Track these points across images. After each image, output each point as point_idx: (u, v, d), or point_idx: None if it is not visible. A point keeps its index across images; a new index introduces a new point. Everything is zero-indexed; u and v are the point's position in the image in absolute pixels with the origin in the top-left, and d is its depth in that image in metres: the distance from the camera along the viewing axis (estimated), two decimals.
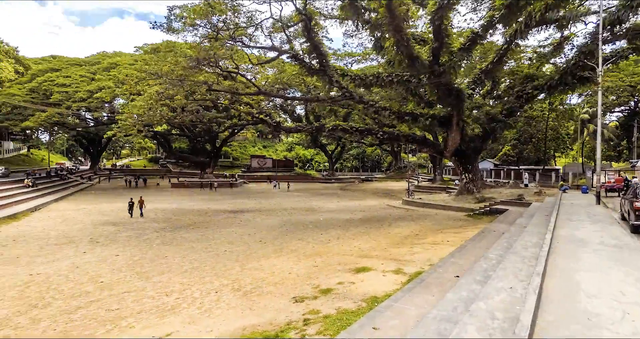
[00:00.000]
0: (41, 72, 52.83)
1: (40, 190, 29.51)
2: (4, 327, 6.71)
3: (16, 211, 20.78)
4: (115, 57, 55.80)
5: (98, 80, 48.63)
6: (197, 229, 17.44)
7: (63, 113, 47.66)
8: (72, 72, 51.15)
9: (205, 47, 27.00)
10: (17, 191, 26.00)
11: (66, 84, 48.76)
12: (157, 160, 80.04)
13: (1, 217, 18.64)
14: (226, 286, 8.95)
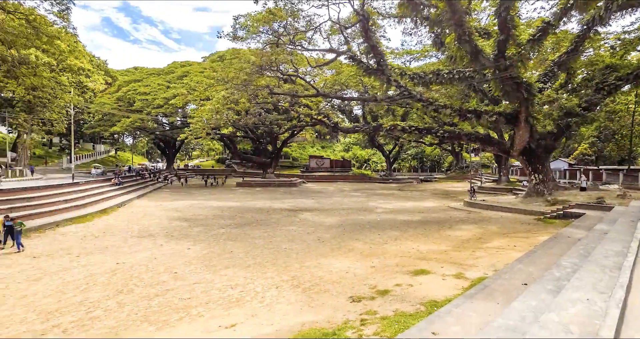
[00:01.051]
0: (126, 82, 58.22)
1: (125, 188, 32.51)
2: (96, 308, 7.47)
3: (106, 206, 23.10)
4: (187, 66, 59.71)
5: (173, 88, 52.42)
6: (259, 226, 18.09)
7: (144, 118, 52.04)
8: (151, 81, 55.69)
9: (267, 53, 27.95)
10: (107, 188, 28.89)
11: (146, 92, 53.23)
12: (223, 160, 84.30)
13: (94, 211, 20.85)
14: (286, 282, 9.17)
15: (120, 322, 6.80)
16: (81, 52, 49.04)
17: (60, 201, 20.54)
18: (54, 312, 7.23)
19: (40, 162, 50.56)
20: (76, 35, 33.60)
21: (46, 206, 19.05)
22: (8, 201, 17.75)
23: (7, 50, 26.67)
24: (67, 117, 43.19)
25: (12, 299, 7.96)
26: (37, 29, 23.90)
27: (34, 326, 6.55)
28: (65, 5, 23.31)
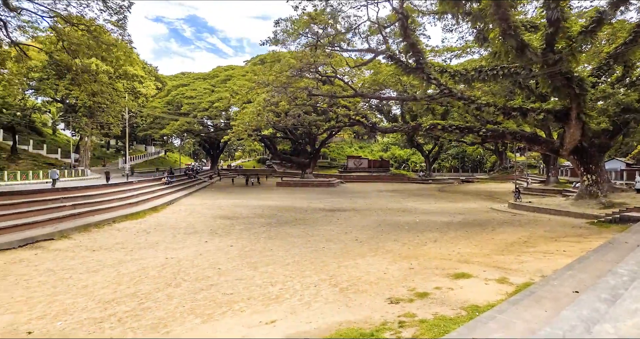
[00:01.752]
0: (174, 87, 61.00)
1: (174, 186, 34.13)
2: (148, 300, 7.88)
3: (156, 204, 24.37)
4: (230, 70, 61.56)
5: (217, 91, 54.26)
6: (298, 225, 18.30)
7: (190, 121, 54.28)
8: (197, 86, 57.98)
9: (306, 55, 28.21)
10: (157, 187, 30.49)
11: (193, 96, 55.49)
12: (264, 161, 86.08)
13: (146, 209, 22.06)
14: (324, 281, 9.20)
15: (169, 313, 7.13)
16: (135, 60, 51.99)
17: (116, 199, 21.93)
18: (110, 302, 7.73)
19: (99, 163, 54.26)
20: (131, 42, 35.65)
21: (104, 204, 20.43)
22: (72, 198, 19.19)
23: (71, 60, 28.78)
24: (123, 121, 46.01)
25: (75, 289, 8.60)
26: (97, 39, 25.50)
27: (94, 314, 7.03)
28: (122, 14, 24.65)
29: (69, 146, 50.19)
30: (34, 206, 16.39)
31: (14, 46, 25.52)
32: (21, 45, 26.03)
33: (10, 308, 7.39)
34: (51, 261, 11.15)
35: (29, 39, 26.89)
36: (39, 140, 51.57)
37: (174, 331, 6.32)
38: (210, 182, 51.29)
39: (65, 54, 27.65)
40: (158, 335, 6.18)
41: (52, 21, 24.26)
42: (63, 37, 24.86)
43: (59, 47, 26.90)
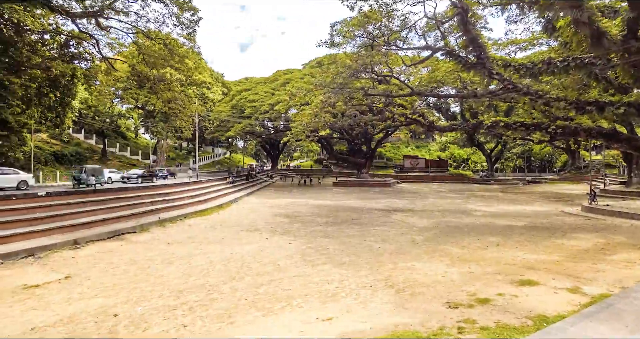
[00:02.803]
0: (238, 92, 63.96)
1: (237, 185, 35.82)
2: (214, 291, 8.36)
3: (222, 202, 25.75)
4: (288, 73, 63.07)
5: (277, 95, 55.91)
6: (353, 225, 18.25)
7: (252, 123, 56.56)
8: (258, 90, 60.25)
9: (362, 56, 28.03)
10: (222, 186, 32.22)
11: (254, 100, 57.78)
12: (321, 161, 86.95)
13: (213, 206, 23.40)
14: (380, 282, 9.09)
15: (233, 305, 7.50)
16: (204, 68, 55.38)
17: (187, 197, 23.53)
18: (182, 291, 8.33)
19: (173, 163, 58.58)
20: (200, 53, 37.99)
21: (178, 201, 22.02)
22: (150, 195, 20.94)
23: (150, 71, 31.42)
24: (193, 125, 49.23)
25: (152, 278, 9.39)
26: (172, 51, 27.55)
27: (168, 302, 7.62)
28: (192, 28, 26.37)
29: (148, 148, 54.83)
30: (119, 203, 18.17)
31: (104, 61, 28.49)
32: (109, 59, 28.99)
33: (101, 292, 8.28)
34: (133, 252, 12.29)
35: (115, 54, 29.77)
36: (123, 143, 56.94)
37: (238, 321, 6.63)
38: (270, 182, 53.00)
39: (144, 66, 30.27)
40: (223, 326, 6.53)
41: (134, 37, 26.65)
42: (143, 50, 27.22)
43: (139, 60, 29.54)
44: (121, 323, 6.53)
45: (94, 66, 29.16)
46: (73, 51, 26.66)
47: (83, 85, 32.49)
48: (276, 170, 71.41)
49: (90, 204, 16.56)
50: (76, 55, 26.89)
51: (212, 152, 79.73)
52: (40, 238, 12.49)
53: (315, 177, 57.30)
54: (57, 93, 30.09)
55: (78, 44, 26.48)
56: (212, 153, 78.40)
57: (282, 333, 6.23)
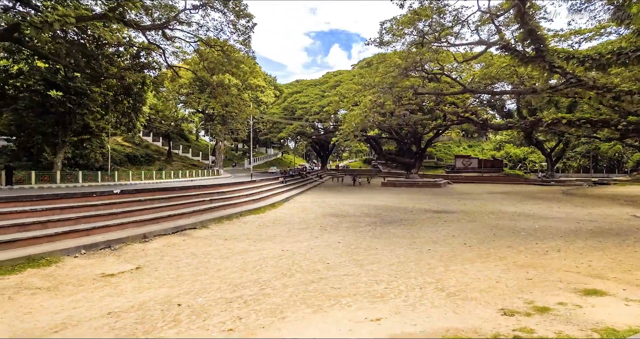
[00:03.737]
0: (289, 94, 65.41)
1: (289, 185, 36.65)
2: (267, 287, 8.65)
3: (274, 201, 26.51)
4: (338, 75, 63.26)
5: (326, 96, 56.39)
6: (402, 226, 17.89)
7: (303, 125, 57.55)
8: (309, 92, 61.16)
9: (412, 54, 27.36)
10: (275, 186, 33.15)
11: (305, 102, 58.73)
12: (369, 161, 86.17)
13: (266, 205, 24.18)
14: (430, 284, 8.84)
15: (284, 301, 7.71)
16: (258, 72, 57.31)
17: (242, 196, 24.52)
18: (238, 285, 8.72)
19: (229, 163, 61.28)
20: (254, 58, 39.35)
21: (234, 199, 23.03)
22: (209, 194, 22.12)
23: (210, 76, 33.18)
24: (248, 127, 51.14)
25: (211, 272, 9.93)
26: (229, 57, 28.87)
27: (225, 295, 8.02)
28: (247, 35, 27.45)
29: (207, 149, 57.89)
30: (182, 200, 19.42)
31: (169, 68, 30.58)
32: (174, 67, 31.05)
33: (166, 283, 8.92)
34: (194, 246, 13.08)
35: (179, 62, 31.77)
36: (186, 145, 60.65)
37: (289, 317, 6.81)
38: (320, 182, 53.53)
39: (205, 72, 32.05)
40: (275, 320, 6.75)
41: (196, 45, 28.33)
42: (204, 57, 28.85)
43: (201, 67, 31.30)
44: (184, 312, 6.99)
45: (161, 74, 31.45)
46: (143, 61, 28.95)
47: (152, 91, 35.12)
48: (325, 170, 71.98)
49: (157, 201, 17.87)
50: (146, 65, 29.17)
51: (265, 153, 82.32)
52: (115, 232, 13.73)
53: (364, 177, 56.91)
54: (130, 100, 32.84)
55: (147, 54, 28.70)
56: (265, 154, 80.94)
57: (332, 330, 6.29)
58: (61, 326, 6.36)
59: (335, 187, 45.88)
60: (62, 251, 11.10)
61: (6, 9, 20.50)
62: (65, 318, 6.73)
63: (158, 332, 6.13)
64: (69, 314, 6.89)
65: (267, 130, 65.74)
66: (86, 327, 6.34)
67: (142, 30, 24.73)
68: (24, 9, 20.26)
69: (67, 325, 6.41)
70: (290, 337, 5.99)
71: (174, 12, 24.45)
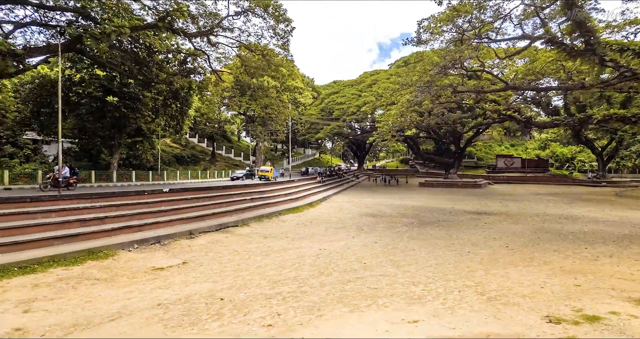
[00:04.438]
0: (327, 95, 65.60)
1: (326, 185, 36.80)
2: (305, 285, 8.74)
3: (312, 200, 26.74)
4: (375, 74, 62.54)
5: (363, 96, 55.96)
6: (441, 227, 17.38)
7: (340, 125, 57.52)
8: (346, 92, 60.99)
9: (450, 51, 26.51)
10: (312, 185, 33.43)
11: (342, 102, 58.63)
12: (407, 161, 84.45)
13: (304, 204, 24.45)
14: (469, 288, 8.53)
15: (321, 299, 7.76)
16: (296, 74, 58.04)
17: (281, 195, 24.96)
18: (277, 282, 8.90)
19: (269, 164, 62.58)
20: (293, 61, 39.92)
21: (273, 198, 23.50)
22: (250, 193, 22.73)
23: (250, 80, 34.11)
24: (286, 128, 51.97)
25: (251, 268, 10.21)
26: (269, 61, 29.52)
27: (265, 291, 8.21)
28: (286, 38, 27.91)
29: (248, 150, 59.49)
30: (225, 199, 20.11)
31: (213, 73, 31.78)
32: (218, 71, 32.23)
33: (210, 278, 9.29)
34: (236, 243, 13.51)
35: (222, 66, 32.92)
36: (228, 146, 62.69)
37: (326, 315, 6.85)
38: (357, 182, 53.26)
39: (246, 76, 33.00)
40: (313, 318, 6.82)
41: (238, 50, 29.24)
42: (245, 62, 29.70)
43: (242, 71, 32.26)
44: (226, 306, 7.24)
45: (205, 78, 32.78)
46: (189, 66, 30.31)
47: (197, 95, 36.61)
48: (362, 170, 71.46)
49: (202, 200, 18.63)
50: (192, 70, 30.51)
51: (303, 153, 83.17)
52: (164, 228, 14.49)
53: (401, 177, 55.89)
54: (177, 104, 34.47)
55: (193, 60, 30.02)
56: (303, 154, 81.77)
57: (369, 330, 6.25)
58: (117, 315, 6.82)
59: (372, 187, 45.45)
60: (118, 246, 11.90)
61: (70, 22, 22.26)
62: (120, 307, 7.22)
63: (203, 324, 6.40)
64: (123, 304, 7.38)
65: (305, 130, 66.36)
66: (138, 317, 6.75)
67: (188, 38, 25.93)
68: (85, 22, 21.89)
69: (121, 314, 6.86)
70: (327, 336, 6.02)
71: (217, 19, 25.40)
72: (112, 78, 29.92)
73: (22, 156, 29.18)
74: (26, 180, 23.07)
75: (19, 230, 11.18)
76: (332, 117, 58.60)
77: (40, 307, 7.18)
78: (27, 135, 33.14)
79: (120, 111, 29.58)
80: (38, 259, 9.89)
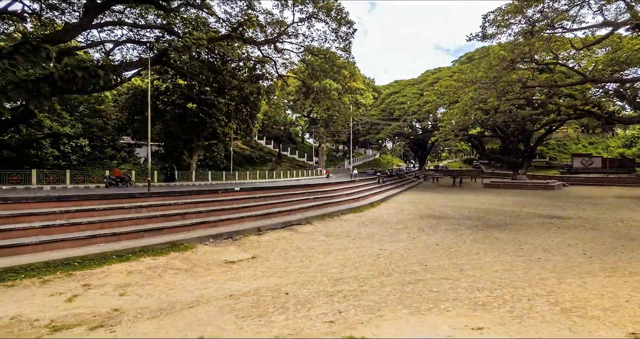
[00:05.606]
0: (387, 95, 64.35)
1: (386, 185, 36.18)
2: (365, 284, 8.73)
3: (372, 200, 26.48)
4: (437, 72, 59.87)
5: (425, 95, 53.93)
6: (508, 231, 16.13)
7: (401, 125, 56.11)
8: (407, 92, 59.26)
9: (519, 44, 24.56)
10: (373, 186, 33.09)
11: (403, 102, 57.10)
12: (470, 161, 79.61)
13: (364, 204, 24.30)
14: (540, 297, 7.83)
15: (382, 299, 7.69)
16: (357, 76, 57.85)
17: (343, 195, 25.10)
18: (338, 280, 9.01)
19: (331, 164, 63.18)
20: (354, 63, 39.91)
21: (334, 198, 23.74)
22: (312, 193, 23.22)
23: (313, 83, 34.82)
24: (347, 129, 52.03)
25: (314, 265, 10.46)
26: (331, 63, 29.89)
27: (327, 288, 8.37)
28: (348, 41, 28.03)
29: (312, 151, 60.71)
30: (289, 198, 20.79)
31: (279, 78, 33.04)
32: (283, 76, 33.43)
33: (276, 273, 9.71)
34: (300, 241, 13.92)
35: (287, 71, 34.05)
36: (293, 147, 64.61)
37: (386, 316, 6.79)
38: (418, 182, 51.54)
39: (309, 79, 33.76)
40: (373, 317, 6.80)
41: (302, 55, 30.07)
42: (309, 65, 30.43)
43: (306, 74, 33.06)
44: (290, 301, 7.52)
45: (272, 83, 34.20)
46: (258, 73, 31.89)
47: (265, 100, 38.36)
48: (424, 170, 68.90)
49: (269, 198, 19.49)
50: (260, 76, 32.06)
51: (364, 154, 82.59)
52: (236, 224, 15.43)
53: (465, 178, 52.81)
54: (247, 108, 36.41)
55: (262, 67, 31.50)
56: (364, 155, 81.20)
57: (430, 334, 6.07)
58: (195, 303, 7.46)
59: (433, 188, 43.65)
60: (196, 239, 12.96)
61: (157, 38, 24.77)
62: (197, 296, 7.88)
63: (269, 317, 6.74)
64: (200, 293, 8.05)
65: (365, 131, 65.90)
66: (213, 305, 7.32)
67: (257, 46, 27.31)
68: (170, 37, 24.16)
69: (199, 302, 7.49)
70: (388, 336, 5.97)
71: (283, 27, 26.39)
72: (191, 87, 32.59)
73: (119, 157, 33.06)
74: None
75: (117, 223, 12.74)
76: (392, 117, 57.34)
77: (133, 292, 8.13)
78: (123, 140, 37.49)
79: (198, 116, 32.10)
80: (131, 249, 11.18)
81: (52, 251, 10.32)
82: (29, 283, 8.46)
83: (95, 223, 12.17)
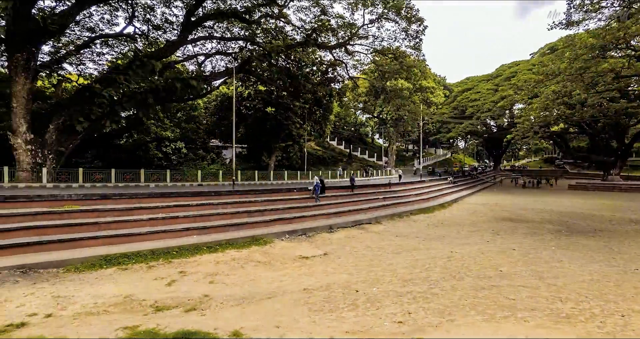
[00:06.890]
0: (459, 92, 60.53)
1: (458, 185, 34.14)
2: (435, 287, 8.45)
3: (444, 201, 25.28)
4: (514, 66, 54.52)
5: (500, 90, 49.54)
6: (597, 237, 14.15)
7: (474, 123, 52.34)
8: (480, 88, 55.06)
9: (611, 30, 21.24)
10: (444, 186, 31.52)
11: (476, 99, 53.20)
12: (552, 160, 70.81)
13: (435, 205, 23.35)
14: (637, 314, 6.80)
15: (452, 303, 7.38)
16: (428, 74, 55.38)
17: (412, 195, 24.41)
18: (408, 281, 8.87)
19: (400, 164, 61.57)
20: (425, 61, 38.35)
21: (404, 198, 23.23)
22: (382, 192, 23.01)
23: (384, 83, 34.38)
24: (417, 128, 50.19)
25: (383, 264, 10.45)
26: (401, 63, 29.20)
27: (396, 288, 8.32)
28: (418, 39, 27.11)
29: (381, 151, 59.84)
30: (359, 197, 20.89)
31: (350, 80, 33.28)
32: (354, 78, 33.59)
33: (346, 270, 9.92)
34: (369, 240, 13.96)
35: (358, 72, 34.13)
36: (363, 147, 64.33)
37: (457, 320, 6.52)
38: (493, 183, 47.58)
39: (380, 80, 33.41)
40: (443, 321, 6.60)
41: (372, 56, 29.93)
42: (378, 66, 30.17)
43: (376, 75, 32.80)
44: (360, 298, 7.61)
45: (343, 85, 34.55)
46: (330, 76, 32.49)
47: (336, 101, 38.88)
48: (499, 170, 63.25)
49: (340, 197, 19.83)
50: (332, 79, 32.66)
51: (434, 153, 78.70)
52: (309, 222, 16.03)
53: (546, 179, 47.23)
54: (320, 111, 37.29)
55: (333, 70, 32.04)
56: (435, 155, 77.39)
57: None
58: (272, 294, 7.99)
59: (509, 189, 39.89)
60: (273, 235, 13.78)
61: (241, 48, 26.76)
62: (275, 288, 8.43)
63: (340, 312, 6.92)
64: (277, 285, 8.60)
65: (436, 130, 62.69)
66: (289, 297, 7.76)
67: (329, 50, 27.91)
68: (252, 47, 25.92)
69: (276, 294, 8.00)
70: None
71: (354, 29, 26.54)
72: (270, 92, 34.45)
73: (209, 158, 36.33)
74: (212, 178, 28.60)
75: (207, 217, 14.09)
76: (464, 115, 53.68)
77: (220, 280, 9.01)
78: (212, 142, 41.13)
79: (276, 119, 33.84)
80: (218, 241, 12.32)
81: (156, 241, 11.82)
82: (138, 267, 9.89)
83: (190, 217, 13.65)
